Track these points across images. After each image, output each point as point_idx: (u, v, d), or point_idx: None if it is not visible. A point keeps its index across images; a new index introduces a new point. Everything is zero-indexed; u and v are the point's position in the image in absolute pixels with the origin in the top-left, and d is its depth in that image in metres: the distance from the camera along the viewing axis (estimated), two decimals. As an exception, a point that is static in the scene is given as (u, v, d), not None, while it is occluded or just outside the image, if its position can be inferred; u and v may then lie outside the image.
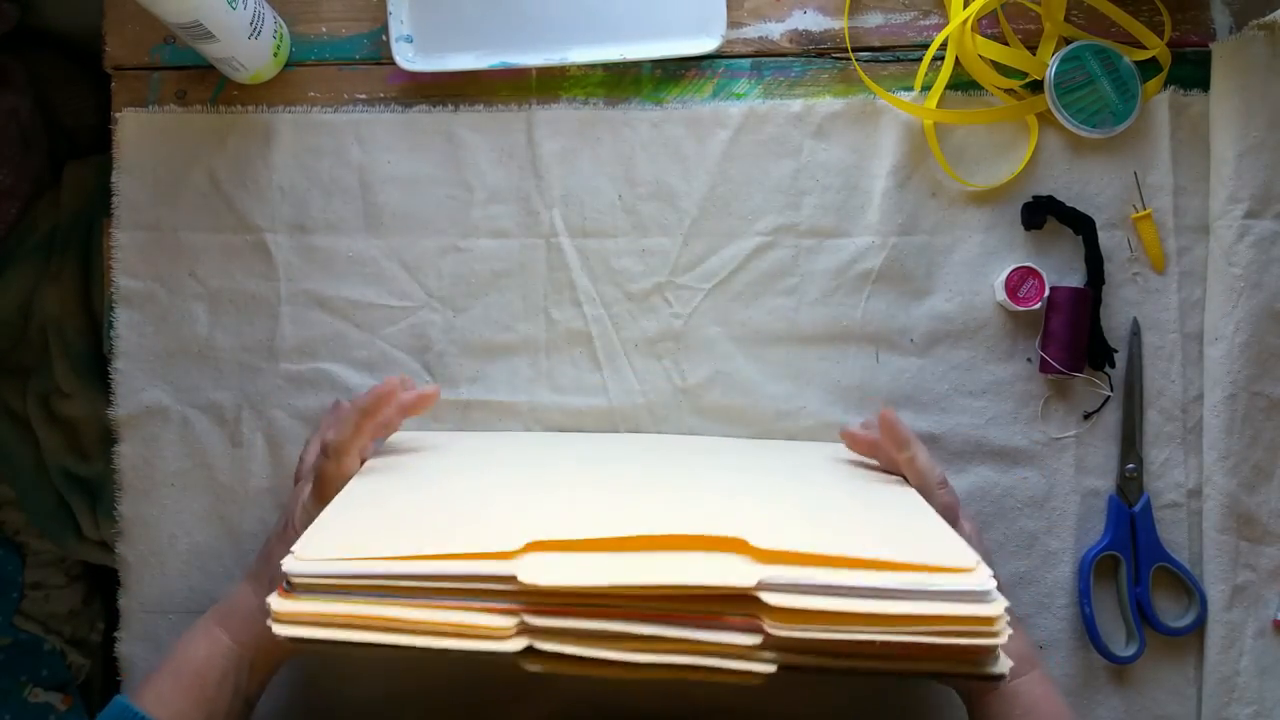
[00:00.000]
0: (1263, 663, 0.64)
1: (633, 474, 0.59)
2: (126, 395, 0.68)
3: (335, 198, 0.68)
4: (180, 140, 0.69)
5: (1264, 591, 0.65)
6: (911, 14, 0.69)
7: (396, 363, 0.68)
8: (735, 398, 0.67)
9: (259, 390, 0.68)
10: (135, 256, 0.68)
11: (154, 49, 0.70)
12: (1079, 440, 0.66)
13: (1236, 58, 0.65)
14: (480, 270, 0.68)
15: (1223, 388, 0.65)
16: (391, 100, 0.69)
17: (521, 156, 0.68)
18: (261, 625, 0.56)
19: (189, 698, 0.54)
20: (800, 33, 0.69)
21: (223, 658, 0.56)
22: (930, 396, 0.67)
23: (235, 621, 0.57)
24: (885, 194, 0.67)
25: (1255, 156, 0.64)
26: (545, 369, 0.68)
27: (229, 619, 0.57)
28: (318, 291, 0.68)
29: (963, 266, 0.67)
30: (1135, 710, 0.65)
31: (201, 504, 0.68)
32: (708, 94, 0.69)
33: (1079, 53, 0.66)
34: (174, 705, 0.54)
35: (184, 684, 0.55)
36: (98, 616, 0.94)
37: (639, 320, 0.68)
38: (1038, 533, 0.66)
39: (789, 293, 0.67)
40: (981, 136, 0.67)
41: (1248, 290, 0.64)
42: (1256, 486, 0.65)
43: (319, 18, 0.70)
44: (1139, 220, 0.66)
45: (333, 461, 0.55)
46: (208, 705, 0.55)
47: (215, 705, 0.55)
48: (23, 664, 0.87)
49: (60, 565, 0.91)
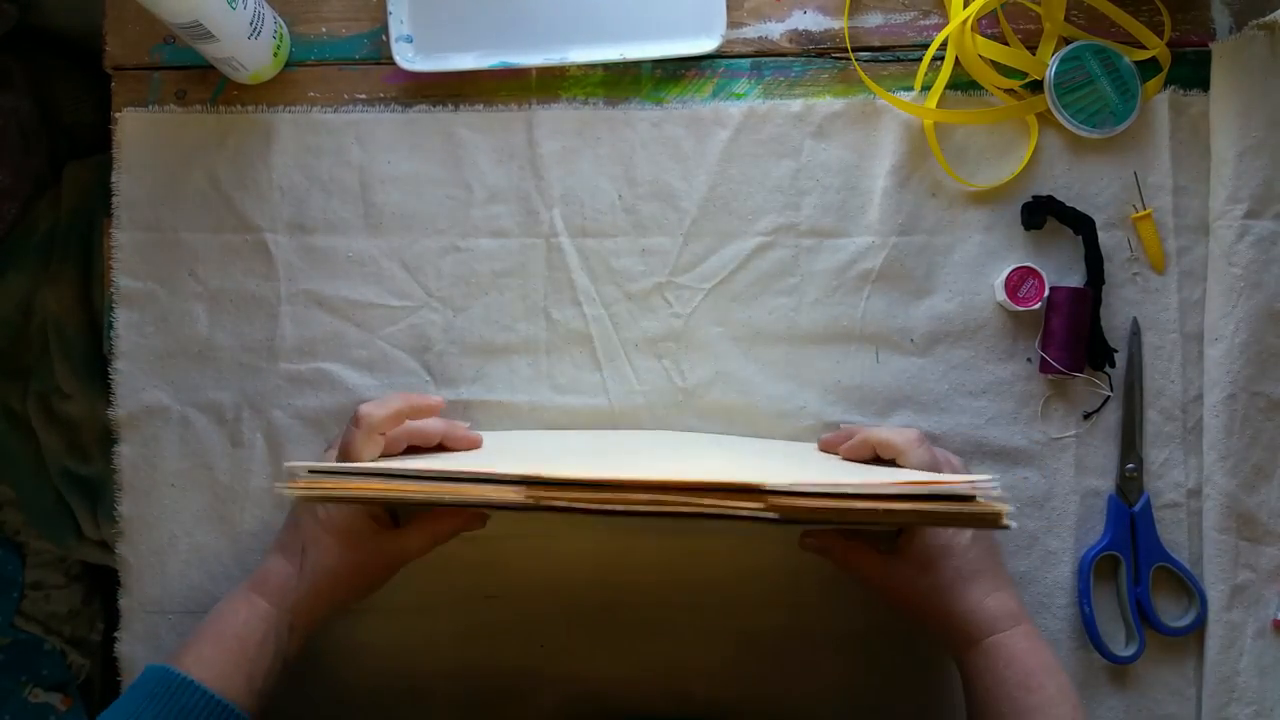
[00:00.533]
0: (1263, 663, 0.64)
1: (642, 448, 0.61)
2: (126, 395, 0.68)
3: (335, 198, 0.68)
4: (180, 140, 0.69)
5: (1264, 591, 0.65)
6: (911, 14, 0.69)
7: (396, 363, 0.68)
8: (735, 398, 0.67)
9: (259, 390, 0.68)
10: (135, 256, 0.68)
11: (154, 49, 0.70)
12: (1079, 440, 0.66)
13: (1236, 58, 0.65)
14: (480, 270, 0.68)
15: (1222, 388, 0.65)
16: (391, 100, 0.69)
17: (521, 156, 0.68)
18: (298, 589, 0.57)
19: (231, 659, 0.55)
20: (800, 33, 0.69)
21: (262, 620, 0.57)
22: (930, 396, 0.67)
23: (271, 588, 0.58)
24: (885, 194, 0.67)
25: (1255, 156, 0.64)
26: (545, 369, 0.68)
27: (264, 586, 0.58)
28: (318, 291, 0.68)
29: (963, 266, 0.67)
30: (1135, 710, 0.65)
31: (201, 504, 0.68)
32: (708, 94, 0.69)
33: (1079, 53, 0.66)
34: (216, 667, 0.54)
35: (225, 646, 0.55)
36: (98, 616, 0.94)
37: (639, 320, 0.68)
38: (1038, 533, 0.66)
39: (789, 293, 0.67)
40: (981, 136, 0.67)
41: (1248, 290, 0.64)
42: (1256, 486, 0.65)
43: (319, 18, 0.70)
44: (1139, 220, 0.66)
45: (361, 432, 0.56)
46: (249, 666, 0.55)
47: (256, 666, 0.55)
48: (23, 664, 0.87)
49: (60, 565, 0.91)
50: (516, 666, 0.67)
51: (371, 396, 0.67)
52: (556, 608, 0.67)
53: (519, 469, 0.45)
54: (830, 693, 0.66)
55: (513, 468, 0.46)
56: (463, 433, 0.62)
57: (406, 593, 0.66)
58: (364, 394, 0.67)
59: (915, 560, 0.57)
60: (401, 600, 0.66)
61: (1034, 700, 0.54)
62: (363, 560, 0.59)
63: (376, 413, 0.57)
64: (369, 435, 0.56)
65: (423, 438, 0.60)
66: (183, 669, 0.53)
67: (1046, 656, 0.56)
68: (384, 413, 0.57)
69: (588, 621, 0.67)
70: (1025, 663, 0.55)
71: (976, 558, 0.57)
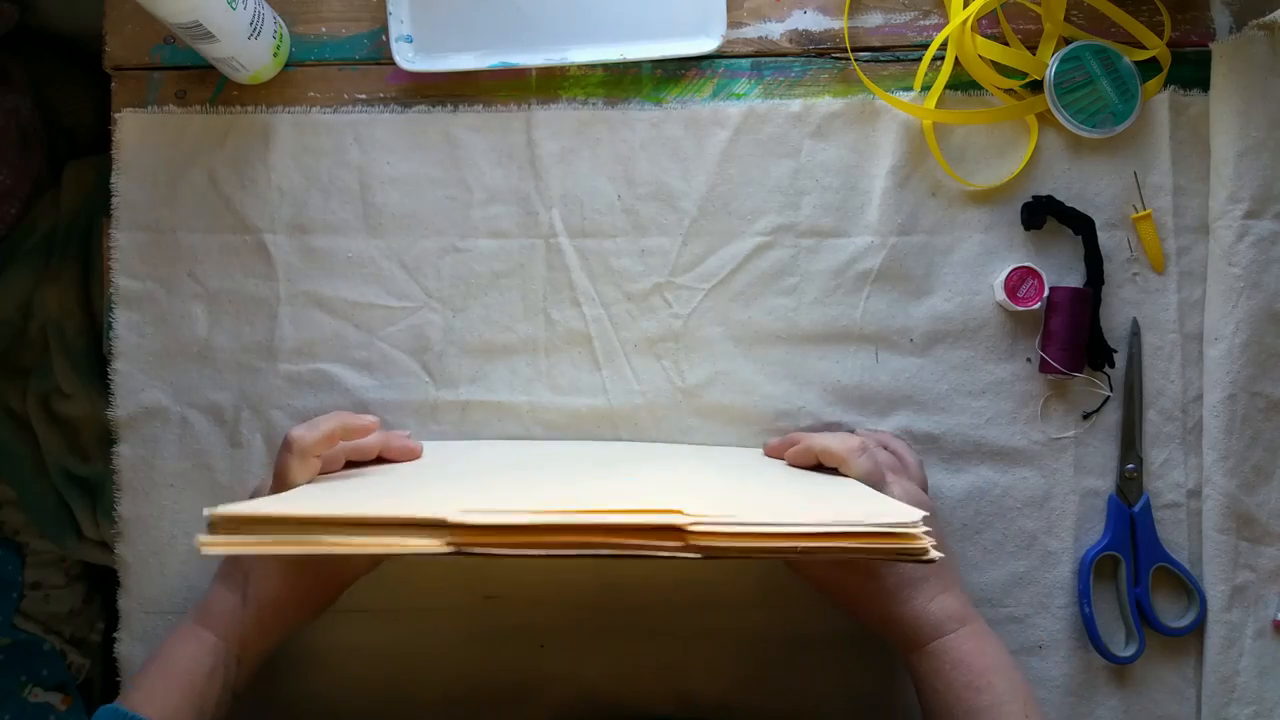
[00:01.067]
0: (1262, 663, 0.64)
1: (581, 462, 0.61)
2: (126, 395, 0.68)
3: (334, 198, 0.68)
4: (180, 140, 0.69)
5: (1264, 591, 0.65)
6: (911, 14, 0.69)
7: (396, 363, 0.68)
8: (735, 398, 0.67)
9: (258, 391, 0.68)
10: (134, 257, 0.68)
11: (154, 49, 0.70)
12: (1078, 440, 0.66)
13: (1236, 58, 0.65)
14: (480, 270, 0.68)
15: (1222, 388, 0.65)
16: (391, 100, 0.69)
17: (521, 157, 0.68)
18: (243, 620, 0.56)
19: (180, 693, 0.55)
20: (800, 33, 0.69)
21: (209, 654, 0.56)
22: (930, 396, 0.67)
23: (215, 619, 0.57)
24: (885, 194, 0.67)
25: (1255, 156, 0.64)
26: (545, 369, 0.68)
27: (209, 617, 0.57)
28: (317, 292, 0.68)
29: (962, 266, 0.67)
30: (1135, 710, 0.65)
31: (201, 504, 0.67)
32: (707, 94, 0.68)
33: (1079, 53, 0.66)
34: (166, 702, 0.54)
35: (173, 681, 0.55)
36: (98, 616, 0.94)
37: (638, 320, 0.68)
38: (1037, 533, 0.66)
39: (788, 293, 0.67)
40: (981, 136, 0.67)
41: (1248, 290, 0.64)
42: (1256, 486, 0.65)
43: (319, 18, 0.70)
44: (1139, 220, 0.66)
45: (294, 457, 0.55)
46: (198, 699, 0.55)
47: (206, 699, 0.55)
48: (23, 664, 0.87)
49: (60, 565, 0.91)
50: (516, 666, 0.67)
51: (371, 397, 0.67)
52: (556, 608, 0.67)
53: (437, 510, 0.43)
54: (829, 692, 0.66)
55: (433, 508, 0.43)
56: (401, 443, 0.62)
57: (406, 594, 0.66)
58: (363, 395, 0.67)
59: (861, 566, 0.56)
60: (401, 601, 0.66)
61: (984, 700, 0.53)
62: (308, 585, 0.58)
63: (308, 436, 0.56)
64: (303, 459, 0.55)
65: (359, 454, 0.60)
66: (133, 707, 0.53)
67: (995, 655, 0.55)
68: (315, 436, 0.56)
69: (588, 621, 0.67)
70: (972, 664, 0.54)
71: None
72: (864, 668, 0.66)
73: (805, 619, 0.66)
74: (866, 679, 0.66)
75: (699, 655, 0.66)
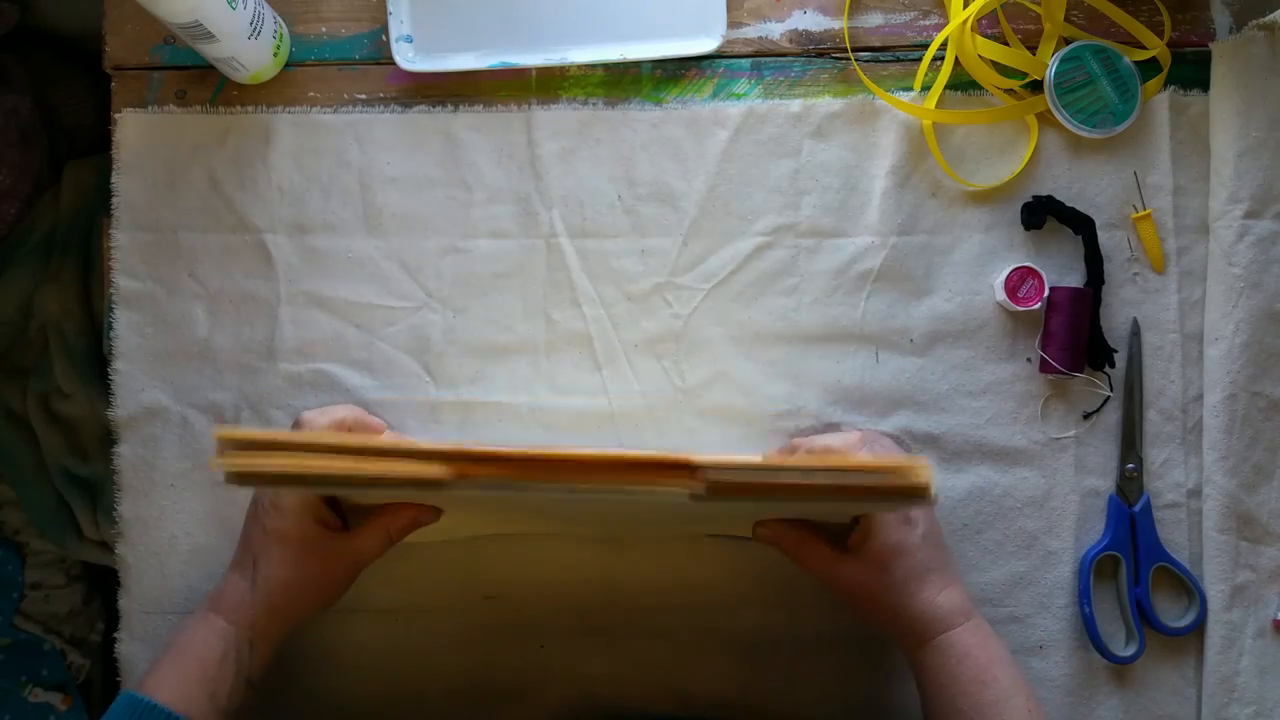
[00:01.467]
0: (1263, 663, 0.64)
1: None
2: (126, 396, 0.68)
3: (335, 198, 0.68)
4: (180, 140, 0.69)
5: (1264, 591, 0.65)
6: (911, 14, 0.69)
7: (396, 363, 0.68)
8: (735, 398, 0.67)
9: (258, 391, 0.68)
10: (135, 257, 0.68)
11: (154, 49, 0.70)
12: (1079, 440, 0.66)
13: (1236, 58, 0.65)
14: (480, 271, 0.68)
15: (1222, 388, 0.65)
16: (391, 100, 0.69)
17: (521, 157, 0.68)
18: (252, 604, 0.57)
19: (192, 679, 0.55)
20: (800, 33, 0.69)
21: (220, 639, 0.56)
22: (930, 396, 0.67)
23: (228, 606, 0.57)
24: (885, 194, 0.67)
25: (1255, 156, 0.64)
26: (545, 369, 0.68)
27: (222, 605, 0.58)
28: (317, 292, 0.68)
29: (962, 266, 0.67)
30: (1135, 710, 0.65)
31: (201, 504, 0.68)
32: (707, 94, 0.69)
33: (1079, 53, 0.66)
34: (178, 688, 0.54)
35: (186, 668, 0.55)
36: (98, 616, 0.94)
37: (639, 320, 0.68)
38: (1037, 533, 0.66)
39: (789, 293, 0.67)
40: (981, 136, 0.67)
41: (1248, 290, 0.64)
42: (1256, 486, 0.65)
43: (319, 18, 0.70)
44: (1139, 220, 0.66)
45: None
46: (210, 685, 0.55)
47: (218, 685, 0.55)
48: (23, 664, 0.87)
49: (60, 565, 0.91)
50: (516, 666, 0.67)
51: (371, 397, 0.67)
52: (556, 607, 0.67)
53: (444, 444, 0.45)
54: (829, 693, 0.66)
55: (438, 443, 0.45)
56: None
57: (405, 593, 0.66)
58: (364, 395, 0.67)
59: (868, 559, 0.56)
60: (400, 601, 0.66)
61: (989, 695, 0.54)
62: (316, 569, 0.58)
63: (318, 419, 0.58)
64: None
65: None
66: (147, 693, 0.54)
67: (998, 650, 0.56)
68: (325, 420, 0.58)
69: (588, 621, 0.67)
70: (978, 658, 0.55)
71: (928, 556, 0.56)
72: (864, 668, 0.66)
73: (805, 619, 0.66)
74: (866, 679, 0.66)
75: (699, 655, 0.66)
